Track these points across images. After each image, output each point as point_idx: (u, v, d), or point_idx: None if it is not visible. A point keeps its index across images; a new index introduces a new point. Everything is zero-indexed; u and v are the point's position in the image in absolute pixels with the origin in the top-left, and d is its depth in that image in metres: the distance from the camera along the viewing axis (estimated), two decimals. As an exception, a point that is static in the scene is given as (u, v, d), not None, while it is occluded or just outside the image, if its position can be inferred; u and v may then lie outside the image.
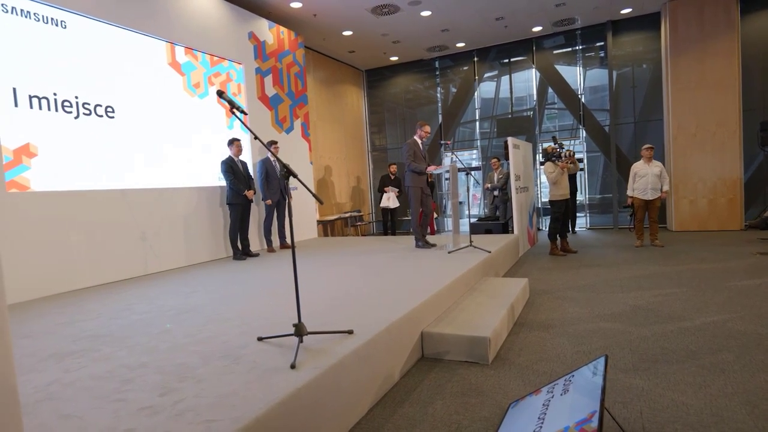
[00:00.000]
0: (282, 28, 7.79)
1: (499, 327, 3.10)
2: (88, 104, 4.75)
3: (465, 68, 10.68)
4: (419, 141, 5.53)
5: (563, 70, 9.83)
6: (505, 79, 10.44)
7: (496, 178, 8.59)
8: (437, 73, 11.06)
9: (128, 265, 5.00)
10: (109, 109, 4.95)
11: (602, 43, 9.38)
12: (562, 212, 6.62)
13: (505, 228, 7.61)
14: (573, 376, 2.01)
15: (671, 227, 8.54)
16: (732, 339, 3.08)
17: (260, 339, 2.50)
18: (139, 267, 5.11)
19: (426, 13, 8.13)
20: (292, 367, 2.05)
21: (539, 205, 9.63)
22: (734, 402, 2.25)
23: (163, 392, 1.89)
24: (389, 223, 9.21)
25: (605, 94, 9.46)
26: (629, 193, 6.89)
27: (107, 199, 4.84)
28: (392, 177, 9.24)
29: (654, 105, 9.01)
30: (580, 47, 9.65)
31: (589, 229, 9.71)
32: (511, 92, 10.35)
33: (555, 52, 9.89)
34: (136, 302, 3.75)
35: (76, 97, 4.65)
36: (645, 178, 6.68)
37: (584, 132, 9.71)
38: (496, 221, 7.87)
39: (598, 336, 3.27)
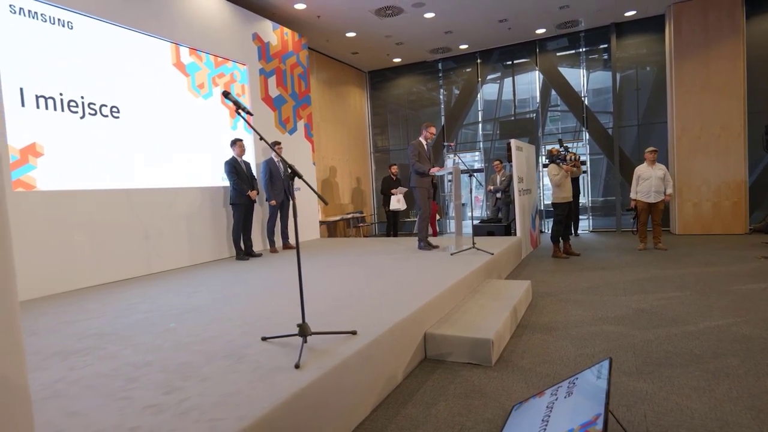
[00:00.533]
0: (286, 30, 7.81)
1: (502, 329, 3.10)
2: (94, 104, 4.78)
3: (468, 70, 10.69)
4: (424, 142, 5.54)
5: (566, 72, 9.83)
6: (508, 81, 10.44)
7: (498, 180, 8.59)
8: (440, 74, 11.07)
9: (132, 265, 5.02)
10: (114, 110, 4.97)
11: (606, 46, 9.37)
12: (565, 215, 6.61)
13: (508, 230, 7.61)
14: (577, 378, 2.01)
15: (674, 230, 8.52)
16: (736, 343, 3.07)
17: (264, 339, 2.51)
18: (143, 266, 5.13)
19: (429, 15, 8.14)
20: (296, 367, 2.05)
21: (542, 208, 9.61)
22: (739, 406, 2.24)
23: (168, 391, 1.89)
24: (393, 225, 9.21)
25: (609, 97, 9.45)
26: (632, 196, 6.88)
27: (112, 198, 4.86)
28: (394, 178, 9.24)
29: (658, 108, 8.99)
30: (584, 49, 9.64)
31: (591, 231, 9.69)
32: (514, 94, 10.34)
33: (558, 54, 9.89)
34: (139, 301, 3.77)
35: (82, 97, 4.67)
36: (648, 181, 6.67)
37: (587, 134, 9.69)
38: (498, 223, 7.87)
39: (602, 339, 3.26)
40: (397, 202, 8.77)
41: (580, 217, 9.46)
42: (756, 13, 8.05)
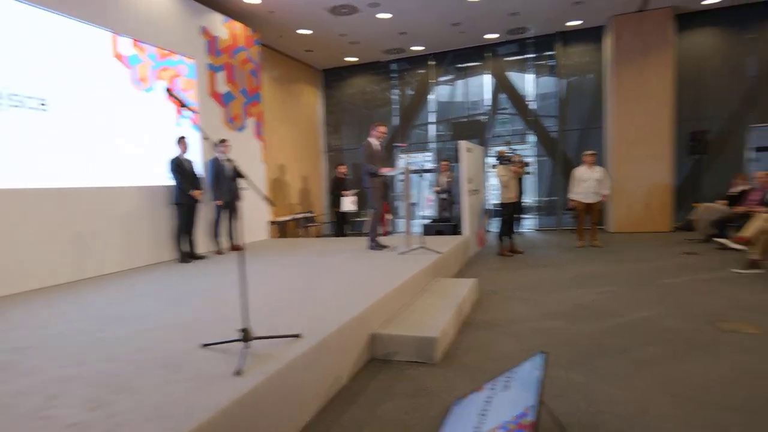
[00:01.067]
0: (237, 24, 7.58)
1: (447, 327, 3.17)
2: (17, 96, 4.41)
3: (422, 71, 10.84)
4: (375, 142, 5.56)
5: (516, 77, 10.19)
6: (460, 83, 10.69)
7: (443, 181, 8.78)
8: (394, 75, 11.16)
9: (62, 270, 4.68)
10: (41, 102, 4.62)
11: (552, 53, 9.80)
12: (510, 214, 6.85)
13: (456, 229, 7.77)
14: (513, 372, 2.09)
15: (609, 229, 9.04)
16: (659, 333, 3.31)
17: (205, 346, 2.42)
18: (74, 271, 4.80)
19: (384, 16, 8.17)
20: (238, 373, 2.00)
21: (489, 207, 9.90)
22: (659, 392, 2.42)
23: (95, 406, 1.78)
24: (343, 225, 9.16)
25: (554, 102, 9.89)
26: (571, 196, 7.24)
27: (39, 198, 4.50)
28: (342, 178, 9.17)
29: (598, 113, 9.51)
30: (532, 56, 10.03)
31: (535, 230, 10.10)
32: (466, 96, 10.60)
33: (508, 59, 10.23)
34: (68, 309, 3.53)
35: (4, 88, 4.30)
36: (586, 183, 7.05)
37: (533, 137, 10.10)
38: (447, 223, 8.03)
39: (542, 334, 3.41)
40: (351, 204, 8.74)
41: (525, 216, 9.83)
42: (686, 27, 8.69)
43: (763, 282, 4.64)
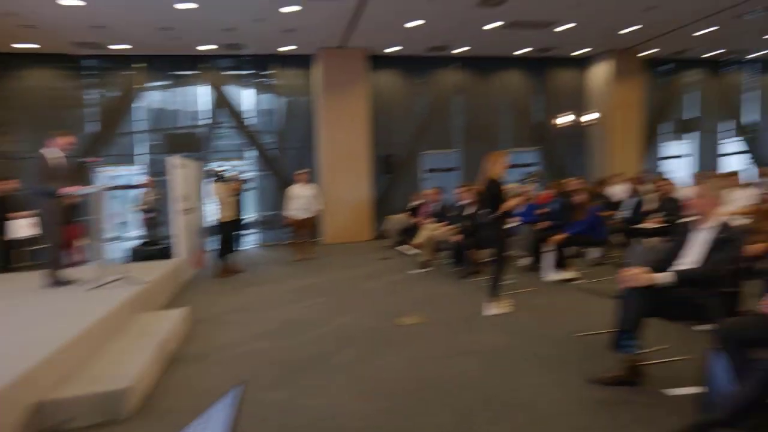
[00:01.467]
0: None
1: (145, 371, 2.85)
2: None
3: (128, 73, 9.52)
4: (55, 154, 4.52)
5: (236, 92, 10.16)
6: (175, 91, 9.91)
7: (151, 199, 8.00)
8: (92, 73, 9.45)
9: None
10: None
11: (270, 72, 10.23)
12: (229, 232, 6.73)
13: (168, 253, 7.07)
14: (208, 414, 2.02)
15: (324, 240, 10.03)
16: (357, 336, 3.83)
17: None
18: None
19: (69, 2, 6.77)
20: None
21: (206, 226, 9.50)
22: (351, 393, 2.80)
23: None
24: (11, 257, 7.02)
25: (273, 119, 10.34)
26: (286, 213, 7.74)
27: None
28: (11, 195, 7.06)
29: (312, 134, 10.46)
30: (252, 72, 10.21)
31: (257, 246, 10.21)
32: (182, 107, 9.90)
33: (229, 73, 10.11)
34: None
35: None
36: (299, 200, 7.66)
37: (253, 153, 10.28)
38: (156, 246, 7.26)
39: (250, 357, 3.45)
40: (27, 228, 6.79)
41: (247, 232, 9.84)
42: (378, 68, 10.47)
43: (431, 279, 5.98)
